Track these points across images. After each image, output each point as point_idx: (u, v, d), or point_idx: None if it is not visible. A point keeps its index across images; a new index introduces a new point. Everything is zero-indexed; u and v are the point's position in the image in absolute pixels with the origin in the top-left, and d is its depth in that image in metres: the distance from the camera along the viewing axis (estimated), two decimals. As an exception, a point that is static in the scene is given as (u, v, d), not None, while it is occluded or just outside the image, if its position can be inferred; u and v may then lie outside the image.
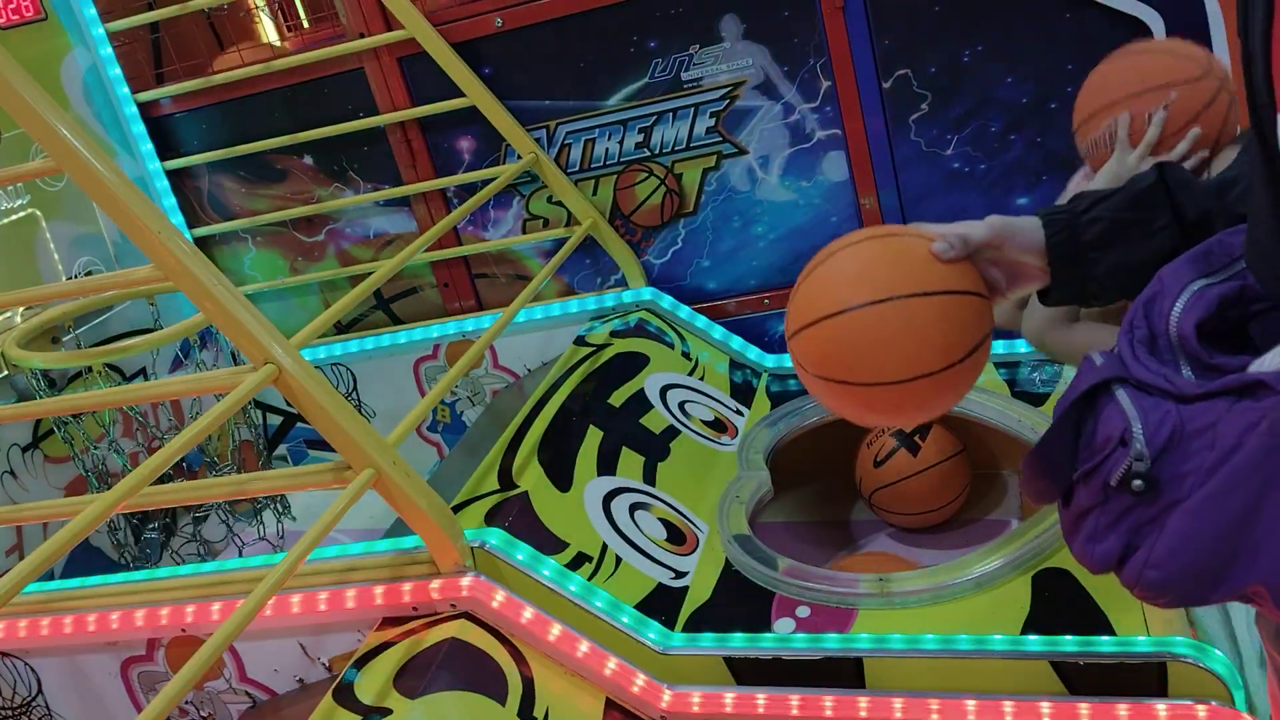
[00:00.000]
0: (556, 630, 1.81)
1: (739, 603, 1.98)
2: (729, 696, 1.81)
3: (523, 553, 1.88)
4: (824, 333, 1.11)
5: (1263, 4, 0.81)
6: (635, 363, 2.64)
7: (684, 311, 2.91)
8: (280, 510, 3.17)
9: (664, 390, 2.58)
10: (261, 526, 3.14)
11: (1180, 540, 0.89)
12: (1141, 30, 2.39)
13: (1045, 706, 1.65)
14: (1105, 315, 1.52)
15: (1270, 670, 1.02)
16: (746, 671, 1.84)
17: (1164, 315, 0.96)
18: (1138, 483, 0.89)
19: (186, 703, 2.16)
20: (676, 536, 2.16)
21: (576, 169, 2.94)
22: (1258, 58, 0.82)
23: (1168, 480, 0.89)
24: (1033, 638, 1.72)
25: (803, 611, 1.92)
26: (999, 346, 2.53)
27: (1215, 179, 1.15)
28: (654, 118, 2.83)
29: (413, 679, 1.67)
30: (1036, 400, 2.39)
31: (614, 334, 2.75)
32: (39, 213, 2.91)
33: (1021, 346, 2.51)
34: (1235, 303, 0.93)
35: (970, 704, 1.69)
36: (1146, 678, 1.64)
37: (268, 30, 3.71)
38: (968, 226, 1.14)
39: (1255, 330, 0.92)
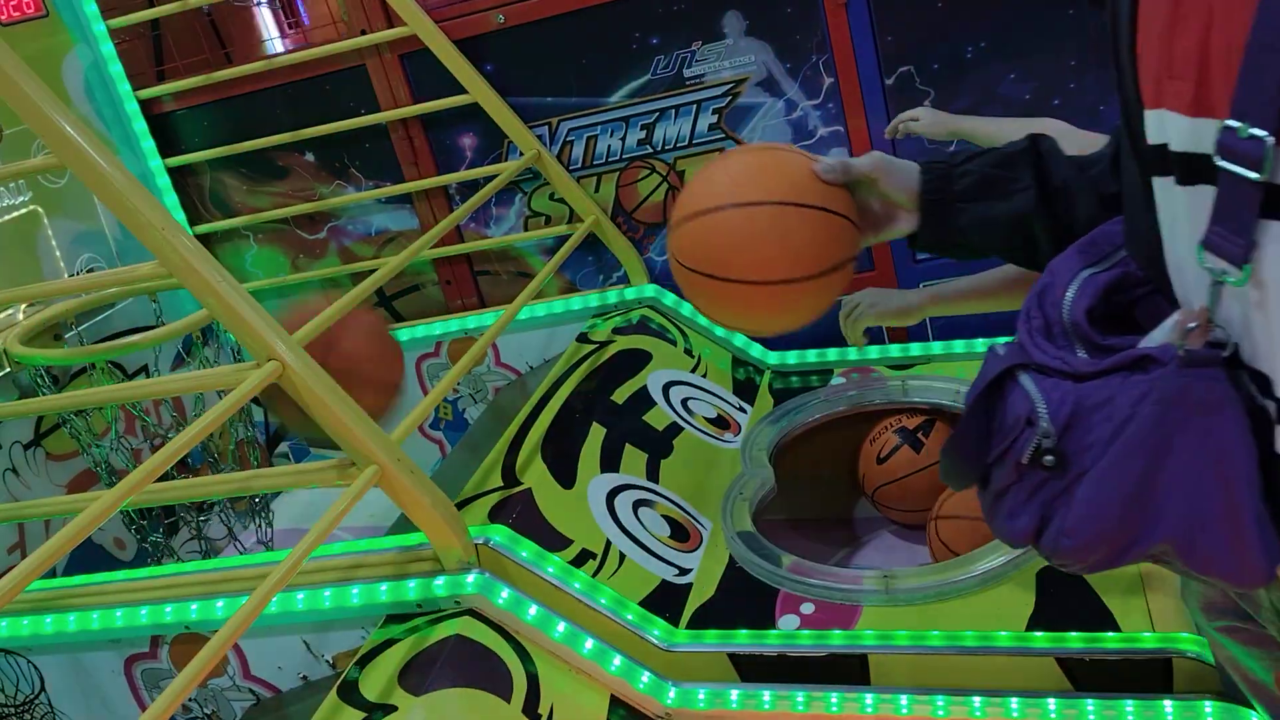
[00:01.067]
0: (561, 627, 1.81)
1: (743, 600, 1.98)
2: (734, 694, 1.81)
3: (526, 550, 1.88)
4: (698, 227, 1.17)
5: (1127, 23, 0.88)
6: (638, 360, 2.63)
7: (686, 309, 2.91)
8: (263, 515, 3.15)
9: (667, 387, 2.58)
10: (267, 528, 3.13)
11: (1089, 507, 0.95)
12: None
13: (1051, 704, 1.65)
14: None
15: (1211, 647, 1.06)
16: (751, 668, 1.84)
17: (1057, 303, 1.01)
18: (1048, 458, 0.96)
19: (190, 700, 2.16)
20: (680, 533, 2.16)
21: (579, 166, 2.93)
22: (1126, 68, 0.89)
23: (1073, 453, 0.95)
24: (1038, 635, 1.72)
25: (807, 608, 1.92)
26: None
27: (1081, 156, 1.20)
28: (656, 114, 2.83)
29: (417, 676, 1.67)
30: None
31: (616, 331, 2.75)
32: (41, 209, 2.90)
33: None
34: (1119, 288, 1.00)
35: (976, 701, 1.68)
36: (1152, 674, 1.63)
37: (268, 27, 3.70)
38: (854, 158, 1.23)
39: (1140, 313, 0.99)
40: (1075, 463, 0.95)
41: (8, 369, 2.67)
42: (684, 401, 2.56)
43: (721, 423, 2.56)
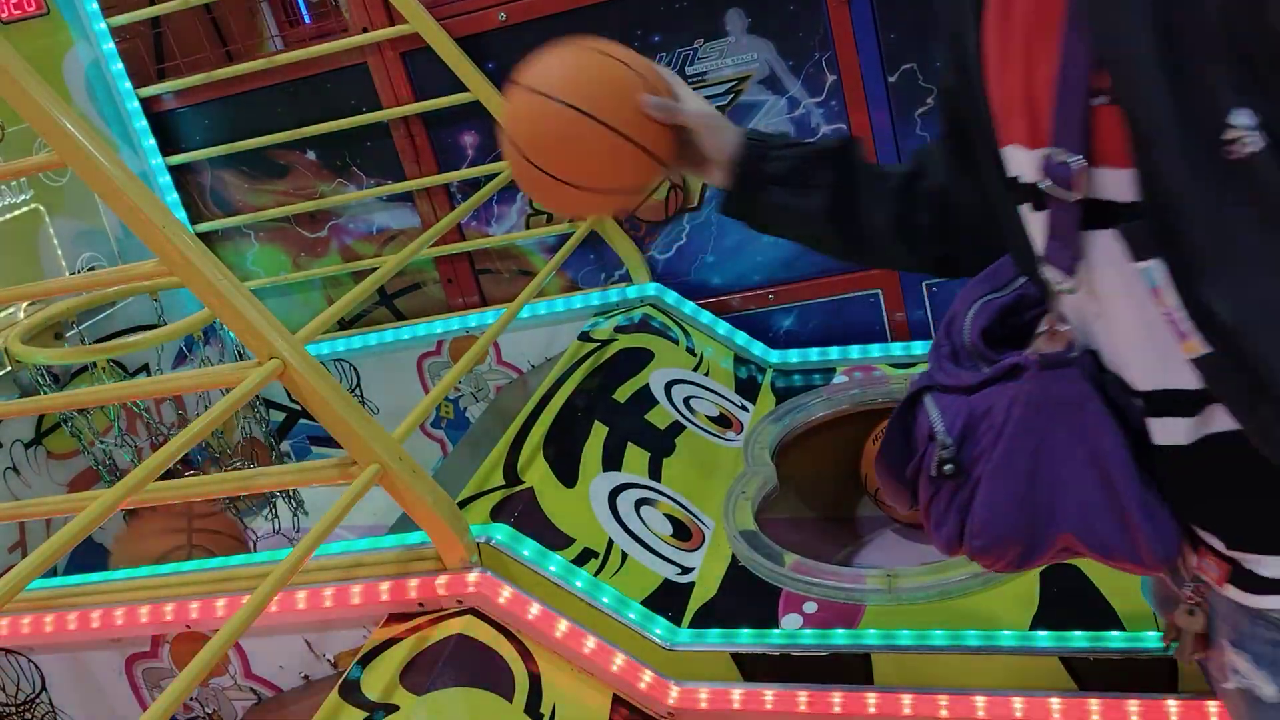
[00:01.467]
0: (563, 626, 1.81)
1: (746, 598, 1.98)
2: (736, 693, 1.80)
3: (528, 548, 1.88)
4: (523, 99, 1.26)
5: (975, 65, 0.96)
6: (640, 358, 2.63)
7: (688, 307, 2.90)
8: (294, 504, 3.16)
9: (669, 386, 2.57)
10: (276, 520, 3.13)
11: (987, 509, 1.05)
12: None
13: (1055, 702, 1.64)
14: None
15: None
16: (754, 667, 1.83)
17: (959, 329, 1.12)
18: (947, 467, 1.06)
19: (191, 699, 2.16)
20: (682, 532, 2.15)
21: (580, 164, 2.92)
22: (981, 107, 0.97)
23: (969, 461, 1.06)
24: (1042, 633, 1.72)
25: (810, 607, 1.91)
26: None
27: (883, 168, 1.31)
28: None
29: (419, 675, 1.67)
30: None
31: (618, 330, 2.75)
32: (42, 208, 2.90)
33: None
34: (1016, 310, 1.09)
35: (979, 700, 1.68)
36: (1157, 673, 1.63)
37: (270, 25, 3.70)
38: (688, 102, 1.29)
39: (1034, 332, 1.06)
40: (972, 470, 1.06)
41: (9, 368, 2.67)
42: (686, 400, 2.55)
43: (724, 421, 2.56)
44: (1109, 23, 0.83)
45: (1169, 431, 0.95)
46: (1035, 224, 0.96)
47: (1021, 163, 0.94)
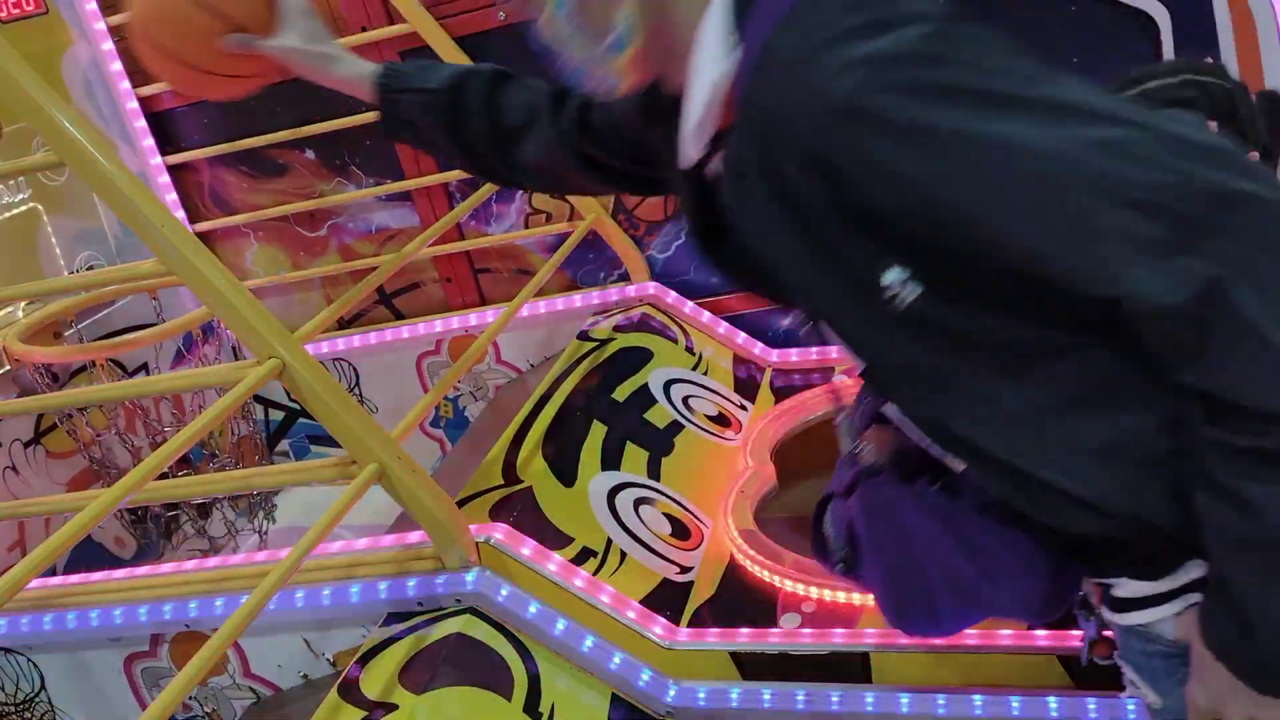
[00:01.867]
0: (562, 625, 1.81)
1: (744, 598, 1.98)
2: (735, 692, 1.80)
3: (527, 548, 1.88)
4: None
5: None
6: (639, 358, 2.63)
7: (688, 306, 2.91)
8: (265, 511, 3.15)
9: (668, 385, 2.57)
10: (266, 521, 3.13)
11: (877, 595, 1.31)
12: (1147, 24, 2.38)
13: (1052, 701, 1.65)
14: None
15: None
16: (752, 666, 1.84)
17: (843, 434, 1.35)
18: (841, 565, 1.33)
19: (190, 699, 2.16)
20: (681, 532, 2.16)
21: (579, 163, 2.92)
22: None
23: (858, 555, 1.30)
24: (1040, 632, 1.72)
25: (808, 607, 1.92)
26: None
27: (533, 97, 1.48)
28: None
29: (418, 674, 1.67)
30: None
31: (617, 329, 2.75)
32: (40, 207, 2.90)
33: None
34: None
35: (977, 698, 1.68)
36: (1154, 672, 1.63)
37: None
38: (286, 38, 1.54)
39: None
40: (860, 566, 1.31)
41: (8, 366, 2.67)
42: (685, 399, 2.55)
43: (723, 420, 2.56)
44: (768, 247, 0.98)
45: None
46: None
47: None
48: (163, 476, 1.68)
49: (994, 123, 0.85)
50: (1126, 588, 1.05)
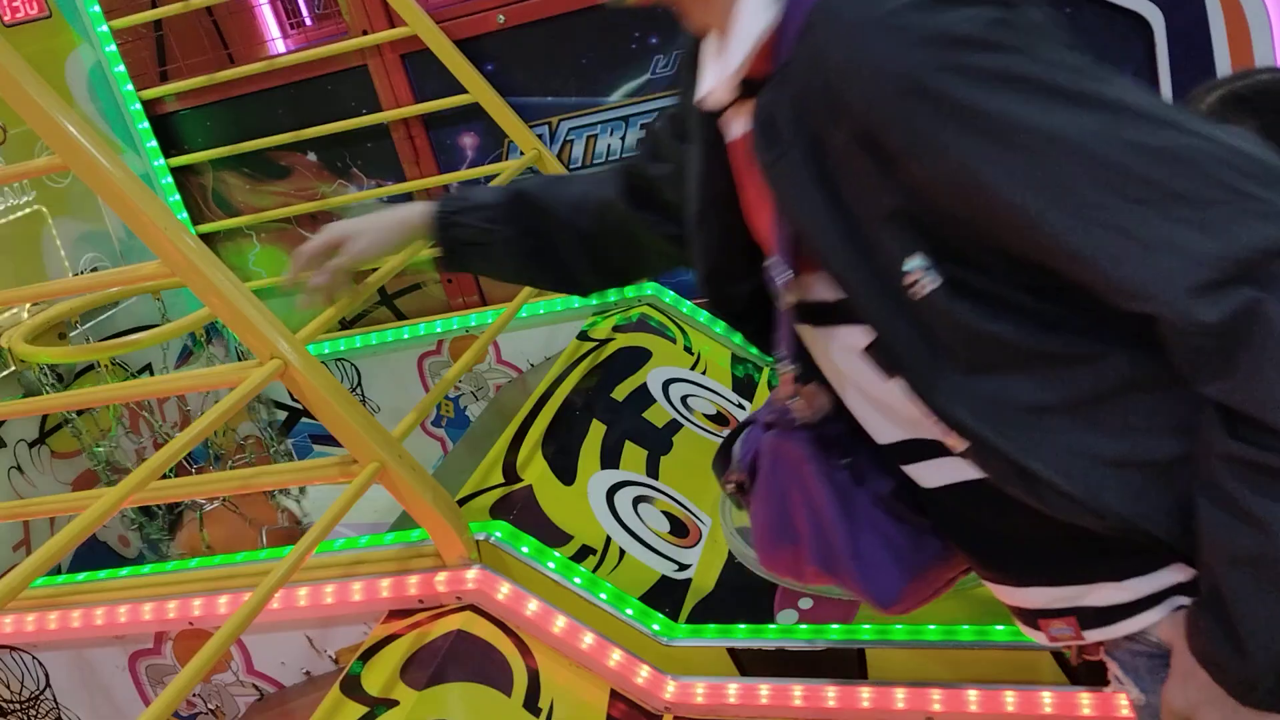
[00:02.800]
0: (561, 622, 1.83)
1: (742, 594, 1.99)
2: (732, 687, 1.82)
3: (527, 546, 1.90)
4: None
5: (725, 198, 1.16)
6: (638, 357, 2.65)
7: (686, 306, 2.92)
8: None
9: (666, 384, 2.59)
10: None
11: (757, 532, 1.29)
12: (1141, 25, 2.40)
13: (1047, 696, 1.66)
14: None
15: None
16: (750, 662, 1.85)
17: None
18: (730, 486, 1.31)
19: (194, 695, 2.18)
20: (679, 529, 2.17)
21: (579, 165, 2.95)
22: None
23: (751, 488, 1.28)
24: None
25: (805, 603, 1.93)
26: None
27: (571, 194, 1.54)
28: (656, 113, 2.82)
29: (419, 671, 1.69)
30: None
31: (616, 329, 2.76)
32: (45, 209, 2.92)
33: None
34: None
35: (972, 694, 1.70)
36: (1147, 668, 1.64)
37: (272, 27, 3.72)
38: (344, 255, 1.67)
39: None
40: (751, 495, 1.28)
41: (13, 367, 2.69)
42: (683, 398, 2.57)
43: (721, 420, 2.57)
44: (796, 211, 0.99)
45: (924, 478, 1.11)
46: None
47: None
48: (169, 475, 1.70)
49: (1054, 115, 0.84)
50: (1100, 594, 1.04)
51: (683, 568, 2.08)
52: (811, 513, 1.19)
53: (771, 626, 1.88)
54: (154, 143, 3.17)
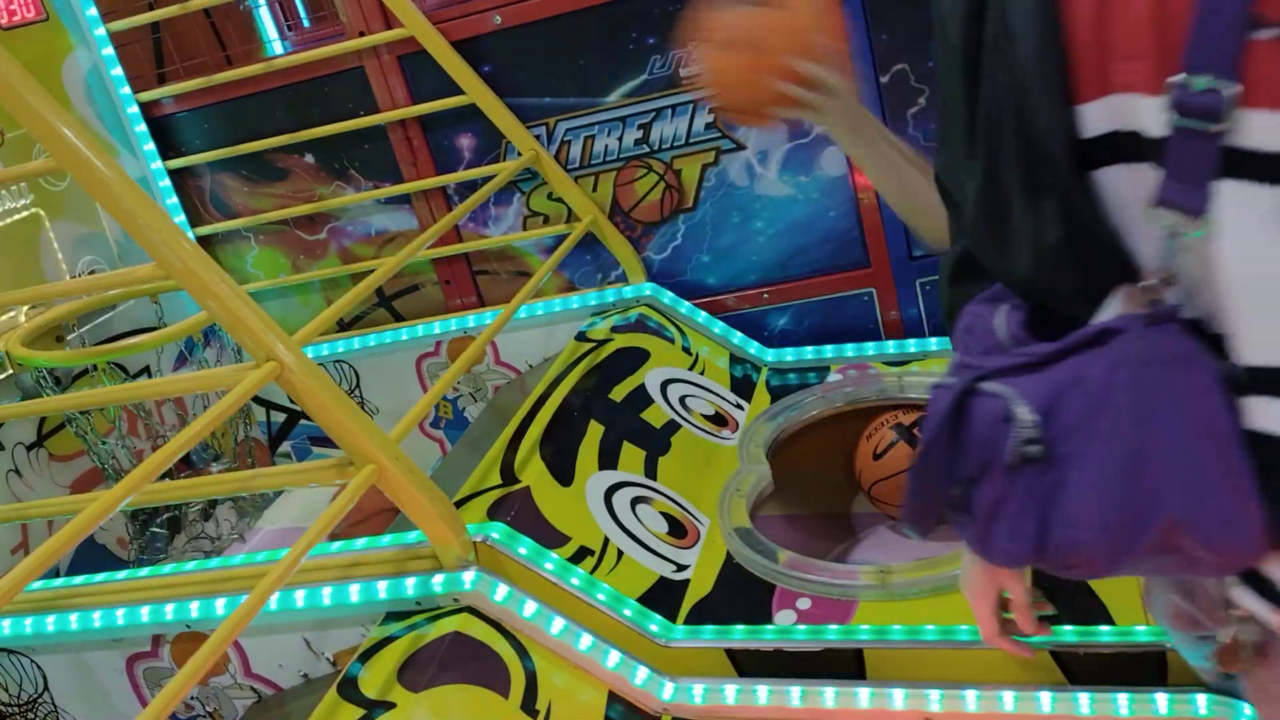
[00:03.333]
0: (558, 624, 1.83)
1: (740, 595, 1.99)
2: (730, 689, 1.82)
3: (525, 547, 1.90)
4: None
5: (1039, 21, 0.84)
6: (636, 358, 2.65)
7: (684, 307, 2.92)
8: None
9: (664, 385, 2.59)
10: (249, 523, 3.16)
11: (1088, 489, 0.88)
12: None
13: (1045, 696, 1.66)
14: None
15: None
16: (748, 663, 1.85)
17: (988, 332, 0.99)
18: (1034, 448, 0.89)
19: (192, 698, 2.18)
20: (678, 530, 2.17)
21: (576, 166, 2.95)
22: (1035, 68, 0.86)
23: (1056, 439, 0.89)
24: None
25: (803, 603, 1.93)
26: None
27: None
28: (653, 114, 2.84)
29: (416, 673, 1.69)
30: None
31: (615, 330, 2.76)
32: (42, 212, 2.92)
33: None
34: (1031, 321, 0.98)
35: (970, 694, 1.70)
36: (1146, 667, 1.64)
37: (268, 29, 3.72)
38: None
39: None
40: (1061, 449, 0.89)
41: (10, 370, 2.69)
42: (682, 399, 2.57)
43: (719, 420, 2.57)
44: None
45: (1273, 417, 0.82)
46: (1128, 182, 0.85)
47: (1123, 111, 0.83)
48: (166, 477, 1.70)
49: None
50: None
51: (681, 568, 2.07)
52: (1208, 426, 0.85)
53: (769, 627, 1.88)
54: (152, 145, 3.17)
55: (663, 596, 1.98)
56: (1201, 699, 1.59)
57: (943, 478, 0.97)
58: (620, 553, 2.03)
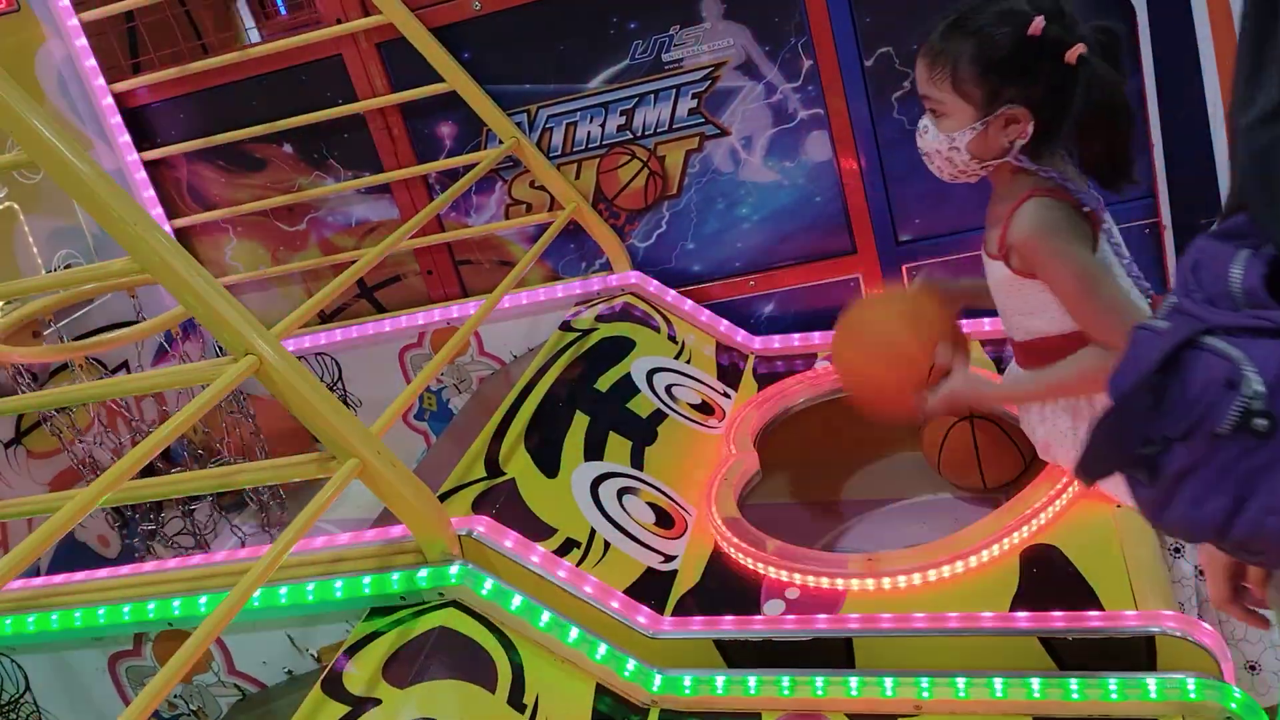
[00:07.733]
0: (545, 617, 1.81)
1: (728, 585, 1.98)
2: (719, 679, 1.81)
3: (510, 540, 1.88)
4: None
5: None
6: (621, 347, 2.63)
7: (669, 295, 2.90)
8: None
9: (650, 374, 2.57)
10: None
11: None
12: (1126, 11, 2.38)
13: (1035, 682, 1.65)
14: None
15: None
16: (737, 654, 1.84)
17: (1220, 276, 0.89)
18: (1259, 422, 0.82)
19: (175, 696, 2.15)
20: (665, 520, 2.16)
21: (559, 153, 2.92)
22: None
23: None
24: (1021, 614, 1.73)
25: (792, 593, 1.92)
26: (986, 325, 2.52)
27: None
28: (635, 100, 2.81)
29: (401, 668, 1.67)
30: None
31: (599, 319, 2.74)
32: (17, 206, 2.88)
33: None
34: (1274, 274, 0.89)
35: (960, 681, 1.69)
36: (1135, 652, 1.64)
37: (245, 17, 3.68)
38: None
39: None
40: None
41: (-13, 367, 2.66)
42: (668, 388, 2.55)
43: (706, 408, 2.56)
44: None
45: None
46: None
47: None
48: (148, 473, 1.68)
49: None
50: None
51: (668, 559, 2.06)
52: None
53: (758, 618, 1.87)
54: (127, 137, 3.13)
55: (650, 588, 1.97)
56: (1191, 683, 1.59)
57: (1134, 435, 0.90)
58: (607, 544, 2.02)
